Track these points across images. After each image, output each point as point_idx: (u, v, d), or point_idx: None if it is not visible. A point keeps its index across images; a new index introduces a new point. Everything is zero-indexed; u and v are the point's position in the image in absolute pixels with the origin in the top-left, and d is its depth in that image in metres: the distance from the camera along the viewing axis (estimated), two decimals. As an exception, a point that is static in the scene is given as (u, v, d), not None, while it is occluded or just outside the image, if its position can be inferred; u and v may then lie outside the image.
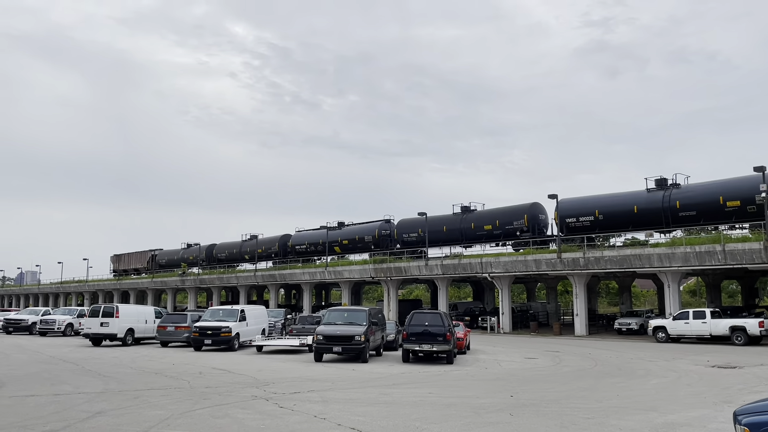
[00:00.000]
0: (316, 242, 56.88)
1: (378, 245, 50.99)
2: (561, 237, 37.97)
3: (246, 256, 63.56)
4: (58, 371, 18.00)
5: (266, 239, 62.50)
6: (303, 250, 58.15)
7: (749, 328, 28.55)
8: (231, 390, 14.22)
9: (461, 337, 24.73)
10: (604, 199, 38.09)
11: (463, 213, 46.12)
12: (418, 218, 47.14)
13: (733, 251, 30.29)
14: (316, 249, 57.02)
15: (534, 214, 41.71)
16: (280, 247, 59.99)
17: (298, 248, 58.39)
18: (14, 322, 39.48)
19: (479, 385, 15.60)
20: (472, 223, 44.55)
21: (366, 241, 51.52)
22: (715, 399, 13.21)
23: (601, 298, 69.62)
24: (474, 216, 45.25)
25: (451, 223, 46.13)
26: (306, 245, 57.84)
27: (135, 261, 79.39)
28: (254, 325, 28.52)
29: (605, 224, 37.38)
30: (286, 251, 59.97)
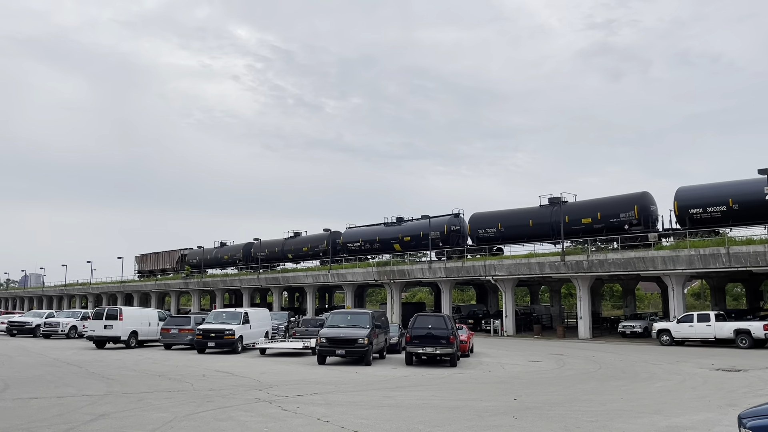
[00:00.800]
0: (371, 239, 52.17)
1: (447, 242, 46.22)
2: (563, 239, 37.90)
3: (289, 254, 59.75)
4: (61, 374, 18.02)
5: (312, 236, 58.54)
6: (356, 248, 53.38)
7: (754, 331, 28.45)
8: (234, 393, 14.22)
9: (464, 340, 24.70)
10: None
11: (552, 205, 40.56)
12: (495, 211, 44.30)
13: (737, 254, 30.20)
14: (371, 247, 52.26)
15: (645, 205, 36.83)
16: (329, 245, 55.52)
17: (350, 246, 53.60)
18: (18, 325, 39.56)
19: (483, 388, 15.57)
20: (566, 216, 38.93)
21: (432, 237, 46.03)
22: (719, 402, 13.15)
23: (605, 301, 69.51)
24: (568, 208, 39.77)
25: (538, 216, 41.24)
26: (360, 243, 53.02)
27: (162, 261, 76.43)
28: (257, 328, 28.53)
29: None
30: (336, 249, 55.78)
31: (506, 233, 42.66)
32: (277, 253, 61.14)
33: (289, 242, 60.52)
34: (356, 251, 53.79)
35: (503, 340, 36.62)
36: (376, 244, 51.73)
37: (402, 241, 49.35)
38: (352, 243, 53.97)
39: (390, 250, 50.67)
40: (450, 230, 46.42)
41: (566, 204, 40.03)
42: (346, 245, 54.46)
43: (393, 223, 51.36)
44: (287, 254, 59.99)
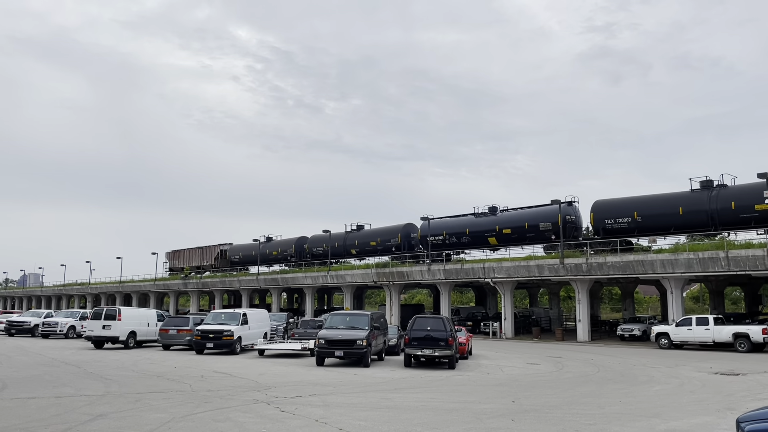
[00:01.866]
0: (458, 232, 45.32)
1: (559, 234, 39.02)
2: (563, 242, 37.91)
3: (353, 250, 53.65)
4: (59, 373, 18.00)
5: (382, 229, 52.33)
6: (438, 243, 46.28)
7: (752, 334, 28.46)
8: (232, 393, 14.21)
9: (463, 342, 24.69)
10: None
11: (706, 189, 33.85)
12: (628, 198, 37.32)
13: (736, 258, 30.22)
14: (459, 241, 45.48)
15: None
16: (403, 240, 49.64)
17: (432, 240, 46.23)
18: (17, 324, 39.53)
19: (481, 391, 15.56)
20: (731, 202, 32.31)
21: (541, 229, 40.04)
22: (718, 406, 13.15)
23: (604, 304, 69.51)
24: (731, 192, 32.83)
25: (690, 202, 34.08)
26: (444, 236, 46.05)
27: (199, 257, 70.68)
28: (256, 329, 28.51)
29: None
30: (411, 244, 50.03)
31: (645, 223, 35.48)
32: (337, 248, 54.75)
33: (353, 236, 54.23)
34: (439, 246, 46.28)
35: (502, 343, 36.61)
36: (465, 237, 44.73)
37: (500, 234, 42.68)
38: (434, 237, 46.31)
39: (482, 245, 43.78)
40: (565, 220, 39.12)
41: (726, 189, 33.01)
42: (425, 239, 46.82)
43: (485, 213, 44.21)
44: (350, 249, 53.75)
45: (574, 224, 40.18)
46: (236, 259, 66.45)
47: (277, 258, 61.73)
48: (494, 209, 44.29)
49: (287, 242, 60.95)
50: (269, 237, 64.51)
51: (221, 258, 68.00)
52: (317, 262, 56.35)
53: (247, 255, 65.05)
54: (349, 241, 54.24)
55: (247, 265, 65.57)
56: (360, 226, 55.14)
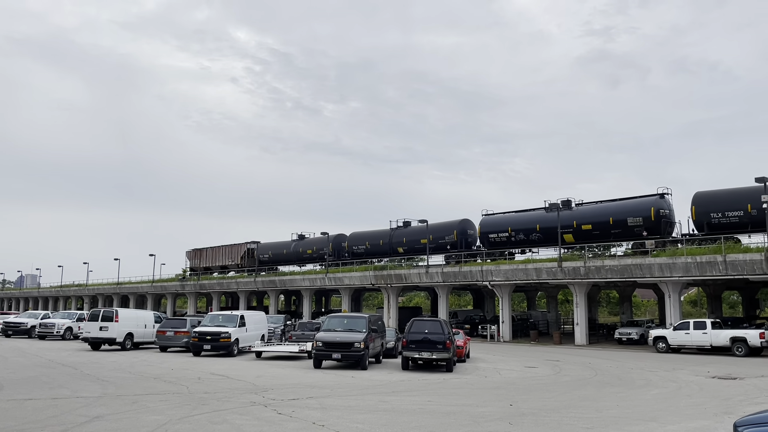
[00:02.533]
0: (527, 228, 41.18)
1: (652, 230, 35.37)
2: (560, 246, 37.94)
3: (400, 248, 49.50)
4: (56, 375, 17.96)
5: (435, 226, 47.47)
6: (502, 240, 42.46)
7: (750, 339, 28.48)
8: (229, 396, 14.18)
9: (461, 345, 24.67)
10: None
11: None
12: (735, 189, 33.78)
13: (734, 262, 30.25)
14: (527, 238, 41.30)
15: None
16: (459, 237, 45.62)
17: (493, 238, 42.49)
18: (14, 326, 39.42)
19: (479, 394, 15.55)
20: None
21: (630, 224, 36.08)
22: (715, 410, 13.15)
23: (602, 308, 69.54)
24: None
25: None
26: (509, 233, 42.05)
27: (224, 257, 67.02)
28: (254, 331, 28.47)
29: None
30: (468, 242, 45.92)
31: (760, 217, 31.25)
32: (382, 246, 50.88)
33: (400, 233, 50.05)
34: (500, 243, 42.69)
35: (500, 346, 36.60)
36: (535, 234, 40.78)
37: (578, 230, 38.42)
38: (497, 233, 42.74)
39: (556, 242, 39.13)
40: (658, 215, 35.45)
41: None
42: (487, 236, 43.24)
43: (557, 206, 39.80)
44: (397, 248, 49.77)
45: (668, 219, 36.18)
46: (265, 258, 63.03)
47: (311, 257, 58.01)
48: (568, 203, 40.52)
49: (323, 240, 56.55)
50: (302, 234, 60.77)
51: (248, 257, 64.31)
52: (357, 262, 52.40)
53: (278, 254, 61.69)
54: (396, 238, 50.23)
55: (277, 265, 62.03)
56: (407, 222, 50.91)
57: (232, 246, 66.35)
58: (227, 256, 66.44)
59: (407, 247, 49.39)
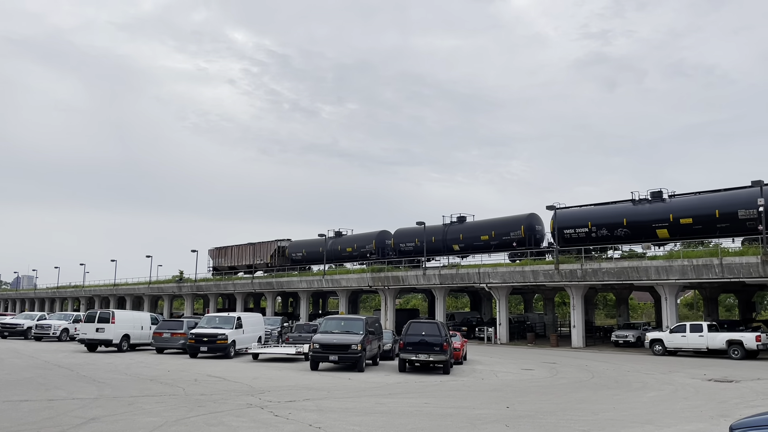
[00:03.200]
0: (610, 223, 36.96)
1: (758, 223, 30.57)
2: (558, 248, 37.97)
3: (455, 246, 45.13)
4: (52, 376, 17.91)
5: (496, 221, 43.17)
6: (581, 236, 37.85)
7: (746, 342, 28.54)
8: (226, 398, 14.16)
9: (458, 348, 24.69)
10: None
11: None
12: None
13: (730, 265, 30.32)
14: (612, 234, 37.17)
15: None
16: (527, 233, 41.12)
17: (569, 234, 38.36)
18: (10, 327, 39.34)
19: (476, 396, 15.56)
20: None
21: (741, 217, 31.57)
22: (711, 413, 13.18)
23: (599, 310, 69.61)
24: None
25: None
26: (589, 228, 37.61)
27: (251, 255, 63.55)
28: (250, 333, 28.45)
29: None
30: (537, 238, 41.61)
31: None
32: (434, 243, 46.30)
33: (455, 229, 45.38)
34: (581, 240, 38.13)
35: (497, 348, 36.61)
36: (621, 230, 36.93)
37: (674, 224, 34.59)
38: (575, 229, 38.51)
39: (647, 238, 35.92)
40: None
41: None
42: (562, 232, 38.88)
43: (646, 199, 36.42)
44: (452, 245, 45.14)
45: None
46: (298, 256, 59.26)
47: (351, 255, 53.87)
48: (659, 194, 36.72)
49: (365, 237, 52.88)
50: (339, 232, 56.87)
51: (279, 255, 60.89)
52: (406, 260, 48.44)
53: (313, 252, 57.62)
54: (451, 235, 45.69)
55: (311, 264, 58.28)
56: (462, 218, 46.66)
57: (261, 244, 62.77)
58: (255, 254, 62.86)
59: (464, 244, 44.86)
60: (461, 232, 45.25)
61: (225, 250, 67.11)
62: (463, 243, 44.93)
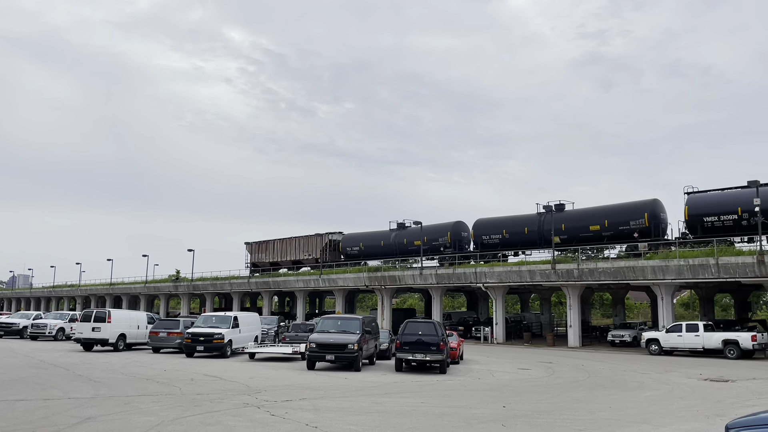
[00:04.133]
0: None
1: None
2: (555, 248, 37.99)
3: (556, 238, 39.49)
4: (48, 376, 17.86)
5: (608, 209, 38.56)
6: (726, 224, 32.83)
7: (742, 341, 28.61)
8: (222, 397, 14.14)
9: (454, 347, 24.69)
10: None
11: None
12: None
13: (726, 265, 30.39)
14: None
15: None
16: (651, 221, 35.68)
17: (713, 221, 33.19)
18: (5, 326, 39.19)
19: (472, 396, 15.56)
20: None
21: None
22: (707, 412, 13.21)
23: (595, 310, 69.71)
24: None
25: None
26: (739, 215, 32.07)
27: (298, 250, 58.70)
28: (247, 332, 28.41)
29: None
30: (661, 227, 36.27)
31: None
32: (527, 235, 41.67)
33: (553, 218, 39.75)
34: (726, 229, 32.98)
35: (493, 348, 36.64)
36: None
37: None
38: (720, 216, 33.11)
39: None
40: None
41: None
42: (698, 219, 33.74)
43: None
44: (550, 236, 39.24)
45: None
46: (354, 251, 54.21)
47: (420, 249, 48.23)
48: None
49: (438, 229, 47.63)
50: (402, 223, 51.63)
51: (330, 250, 56.17)
52: (489, 255, 43.31)
53: (372, 246, 52.22)
54: (547, 225, 40.38)
55: (370, 259, 52.76)
56: (560, 205, 41.14)
57: (309, 237, 58.05)
58: (302, 249, 58.07)
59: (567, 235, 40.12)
60: (563, 221, 40.12)
61: (266, 244, 62.39)
62: (565, 234, 39.87)
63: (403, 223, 51.39)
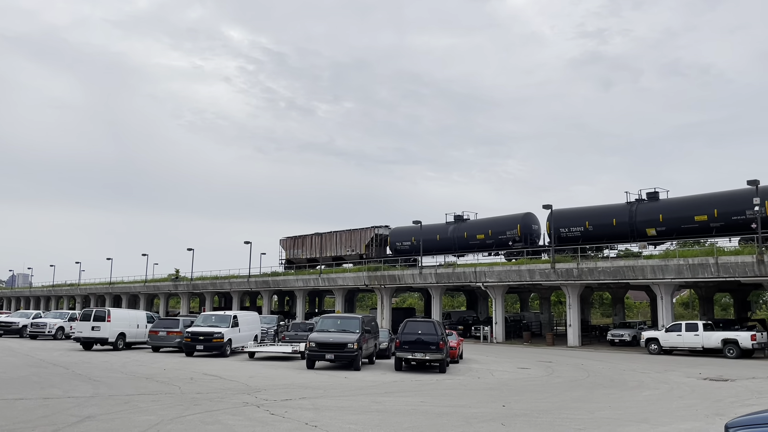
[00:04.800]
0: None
1: None
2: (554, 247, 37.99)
3: (650, 230, 35.68)
4: (48, 375, 17.87)
5: (712, 197, 34.14)
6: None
7: (741, 341, 28.63)
8: (222, 396, 14.15)
9: (454, 346, 24.71)
10: None
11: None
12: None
13: (725, 264, 30.40)
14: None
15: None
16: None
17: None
18: (5, 325, 39.19)
19: (471, 395, 15.57)
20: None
21: None
22: (706, 411, 13.21)
23: (595, 309, 69.74)
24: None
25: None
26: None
27: (339, 245, 54.70)
28: (247, 332, 28.41)
29: None
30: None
31: None
32: (615, 227, 37.48)
33: (648, 208, 36.28)
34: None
35: (493, 347, 36.65)
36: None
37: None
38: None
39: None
40: None
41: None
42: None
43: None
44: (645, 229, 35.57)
45: None
46: (404, 246, 49.39)
47: (484, 244, 43.95)
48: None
49: (505, 221, 43.20)
50: (459, 216, 47.76)
51: (376, 245, 51.87)
52: (569, 249, 38.74)
53: (427, 240, 47.14)
54: (641, 215, 36.35)
55: (425, 254, 47.59)
56: (653, 194, 37.09)
57: (353, 232, 53.89)
58: (344, 244, 54.07)
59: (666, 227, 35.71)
60: (661, 211, 35.72)
61: (302, 240, 58.48)
62: (663, 226, 35.53)
63: (461, 216, 47.98)
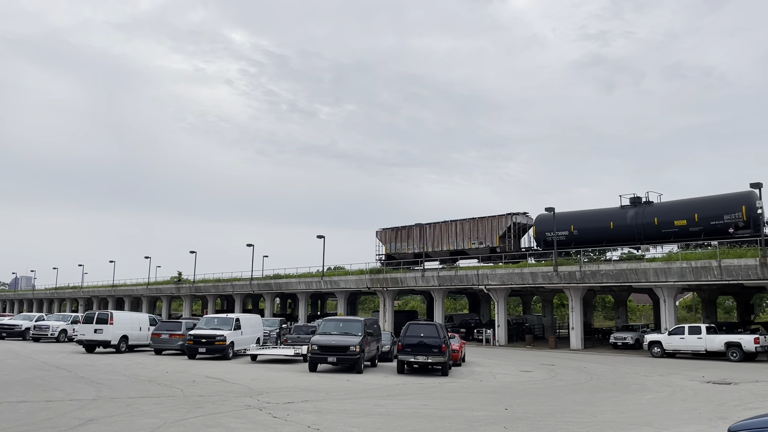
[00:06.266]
0: None
1: None
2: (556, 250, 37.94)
3: None
4: (50, 377, 17.89)
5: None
6: None
7: (744, 344, 28.56)
8: (224, 399, 14.15)
9: (456, 349, 24.68)
10: None
11: None
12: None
13: (729, 267, 30.33)
14: None
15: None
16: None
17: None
18: (7, 328, 39.27)
19: (474, 398, 15.55)
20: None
21: None
22: (710, 415, 13.18)
23: (597, 312, 69.65)
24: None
25: None
26: None
27: (461, 237, 44.99)
28: (249, 334, 28.42)
29: None
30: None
31: None
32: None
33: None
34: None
35: (495, 350, 36.60)
36: None
37: None
38: None
39: None
40: None
41: None
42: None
43: None
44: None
45: None
46: (561, 237, 38.94)
47: (687, 232, 34.58)
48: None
49: (719, 202, 33.80)
50: (638, 198, 37.75)
51: (513, 237, 42.70)
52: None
53: (595, 229, 38.12)
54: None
55: (591, 246, 38.69)
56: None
57: (480, 220, 43.89)
58: (469, 235, 44.37)
59: None
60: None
61: (408, 231, 48.49)
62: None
63: (640, 198, 37.74)
